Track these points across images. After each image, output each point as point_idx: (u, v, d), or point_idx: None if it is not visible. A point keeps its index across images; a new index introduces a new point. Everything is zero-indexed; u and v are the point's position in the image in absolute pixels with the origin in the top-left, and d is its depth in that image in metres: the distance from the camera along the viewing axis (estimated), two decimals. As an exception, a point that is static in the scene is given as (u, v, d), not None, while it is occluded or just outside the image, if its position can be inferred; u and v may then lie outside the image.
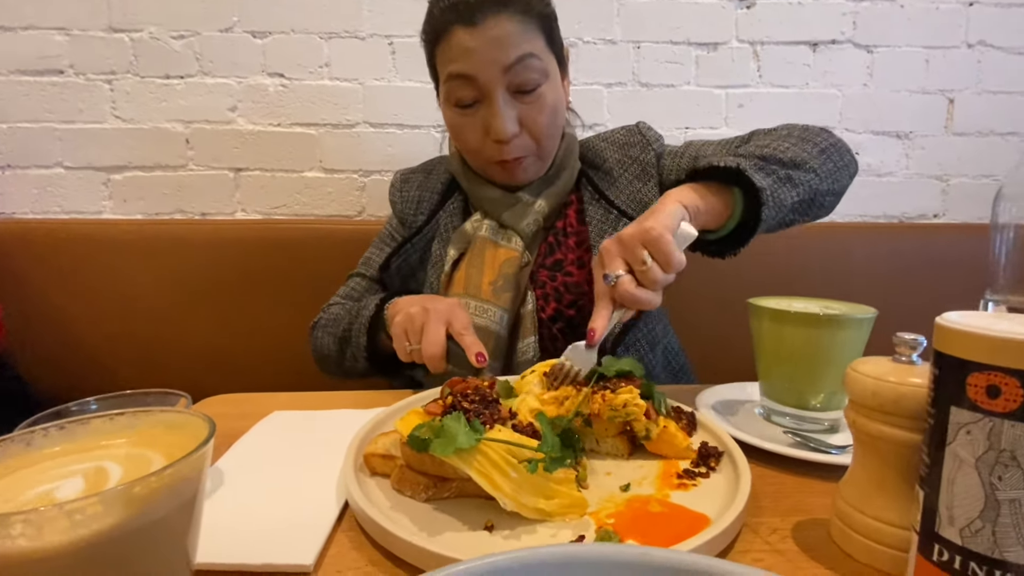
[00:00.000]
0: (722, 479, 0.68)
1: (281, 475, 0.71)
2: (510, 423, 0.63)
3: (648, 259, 0.73)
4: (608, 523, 0.59)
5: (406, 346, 0.95)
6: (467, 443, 0.55)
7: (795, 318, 0.80)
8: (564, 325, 1.16)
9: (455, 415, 0.59)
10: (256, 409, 0.94)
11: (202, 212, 1.88)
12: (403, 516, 0.60)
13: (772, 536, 0.60)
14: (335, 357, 1.19)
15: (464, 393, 0.64)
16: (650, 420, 0.74)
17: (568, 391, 0.78)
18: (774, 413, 0.86)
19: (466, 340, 0.92)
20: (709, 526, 0.58)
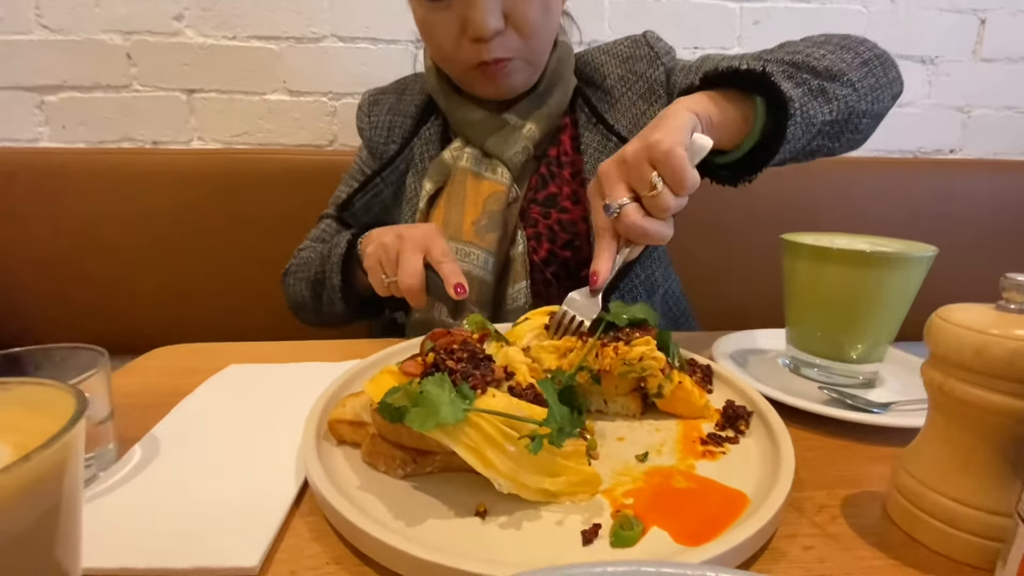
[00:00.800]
0: (754, 445, 0.58)
1: (229, 446, 0.58)
2: (506, 385, 0.51)
3: (657, 181, 0.61)
4: (626, 504, 0.48)
5: (382, 278, 0.84)
6: (452, 417, 0.43)
7: (839, 256, 0.68)
8: (558, 268, 1.03)
9: (438, 377, 0.47)
10: (210, 362, 0.82)
11: (153, 140, 1.67)
12: (374, 499, 0.48)
13: (819, 515, 0.50)
14: (311, 304, 1.07)
15: (449, 349, 0.51)
16: (664, 375, 0.63)
17: (571, 342, 0.67)
18: (804, 365, 0.75)
19: (444, 268, 0.81)
20: (748, 507, 0.48)
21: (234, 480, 0.53)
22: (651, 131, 0.65)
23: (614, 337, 0.65)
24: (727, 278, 1.64)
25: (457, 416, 0.43)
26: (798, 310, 0.75)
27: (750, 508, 0.47)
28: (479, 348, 0.53)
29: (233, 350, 0.89)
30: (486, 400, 0.47)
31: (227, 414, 0.66)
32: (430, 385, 0.46)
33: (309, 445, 0.52)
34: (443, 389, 0.45)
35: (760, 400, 0.64)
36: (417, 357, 0.53)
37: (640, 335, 0.64)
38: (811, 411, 0.64)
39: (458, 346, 0.52)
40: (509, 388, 0.51)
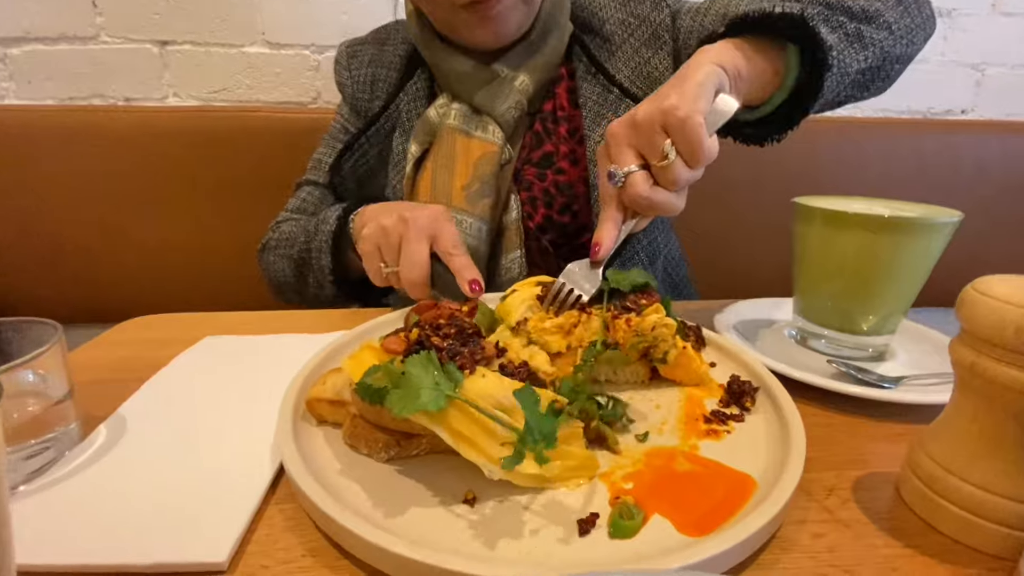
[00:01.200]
0: (760, 423, 0.55)
1: (201, 426, 0.55)
2: (496, 363, 0.47)
3: (670, 150, 0.56)
4: (626, 490, 0.45)
5: (380, 267, 0.74)
6: (434, 403, 0.39)
7: (856, 221, 0.63)
8: (556, 235, 0.97)
9: (422, 356, 0.43)
10: (185, 334, 0.77)
11: (125, 97, 1.58)
12: (355, 486, 0.45)
13: (829, 499, 0.47)
14: (294, 284, 0.98)
15: (435, 324, 0.47)
16: (672, 343, 0.59)
17: (573, 317, 0.62)
18: (812, 336, 0.72)
19: (456, 262, 0.70)
20: (755, 491, 0.45)
21: (205, 464, 0.49)
22: (667, 92, 0.59)
23: (624, 308, 0.60)
24: (727, 242, 1.59)
25: (439, 403, 0.39)
26: (809, 279, 0.71)
27: (758, 493, 0.44)
28: (468, 323, 0.48)
29: (210, 321, 0.84)
30: (475, 381, 0.43)
31: (200, 391, 0.62)
32: (413, 365, 0.42)
33: (285, 428, 0.49)
34: (427, 370, 0.41)
35: (767, 375, 0.60)
36: (401, 332, 0.48)
37: (647, 302, 0.60)
38: (820, 386, 0.60)
39: (445, 321, 0.48)
40: (500, 367, 0.47)
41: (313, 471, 0.44)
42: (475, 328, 0.48)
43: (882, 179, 1.66)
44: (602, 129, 0.93)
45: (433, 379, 0.41)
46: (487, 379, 0.44)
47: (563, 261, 1.07)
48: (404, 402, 0.40)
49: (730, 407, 0.58)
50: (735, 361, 0.65)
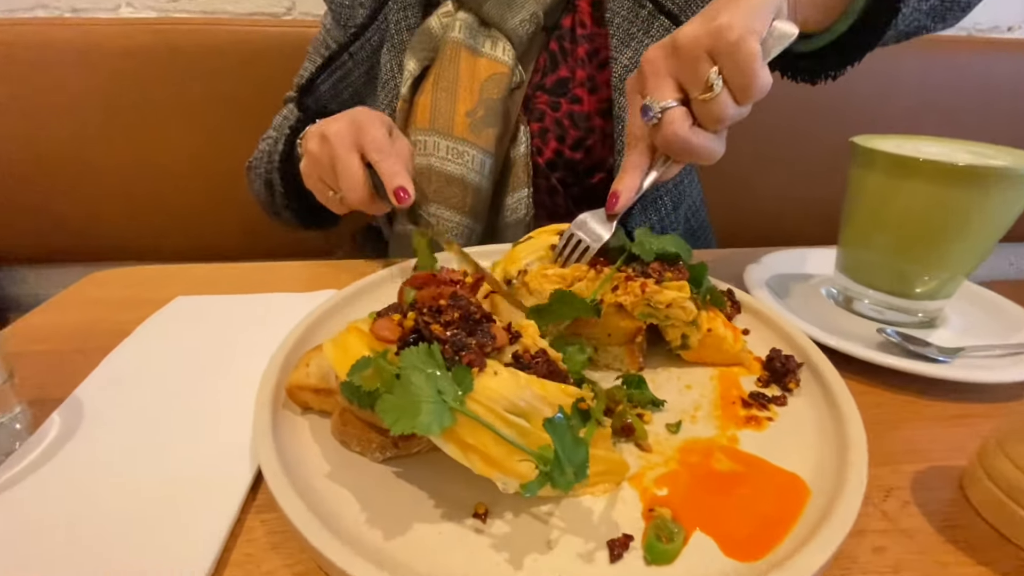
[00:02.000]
0: (806, 408, 0.49)
1: (170, 412, 0.48)
2: (510, 351, 0.40)
3: (716, 80, 0.47)
4: (660, 497, 0.39)
5: (330, 195, 0.70)
6: (437, 423, 0.32)
7: (929, 169, 0.54)
8: (566, 173, 0.87)
9: (421, 351, 0.35)
10: (153, 291, 0.69)
11: (73, 8, 1.39)
12: (346, 494, 0.39)
13: (888, 502, 0.42)
14: (270, 205, 0.92)
15: (435, 307, 0.39)
16: (692, 325, 0.52)
17: (580, 270, 0.54)
18: (857, 298, 0.64)
19: (383, 167, 0.65)
20: (808, 499, 0.39)
21: (175, 464, 0.42)
22: (717, 10, 0.47)
23: (642, 271, 0.52)
24: (744, 181, 1.47)
25: (443, 422, 0.32)
26: (860, 231, 0.62)
27: (812, 502, 0.39)
28: (473, 303, 0.40)
29: (181, 276, 0.75)
30: (485, 380, 0.36)
31: (170, 366, 0.55)
32: (410, 363, 0.35)
33: (262, 425, 0.42)
34: (428, 374, 0.34)
35: (812, 349, 0.53)
36: (394, 314, 0.40)
37: (672, 275, 0.52)
38: (875, 363, 0.53)
39: (447, 302, 0.39)
40: (514, 356, 0.39)
41: (296, 480, 0.38)
42: (482, 311, 0.40)
43: (915, 104, 1.51)
44: (631, 52, 0.80)
45: (435, 387, 0.33)
46: (500, 378, 0.36)
47: (573, 202, 0.94)
48: (400, 417, 0.32)
49: (770, 386, 0.51)
50: (773, 329, 0.58)
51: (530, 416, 0.36)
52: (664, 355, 0.55)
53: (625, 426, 0.44)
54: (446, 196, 0.80)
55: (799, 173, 1.47)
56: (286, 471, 0.38)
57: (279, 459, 0.39)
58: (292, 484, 0.37)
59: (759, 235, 1.37)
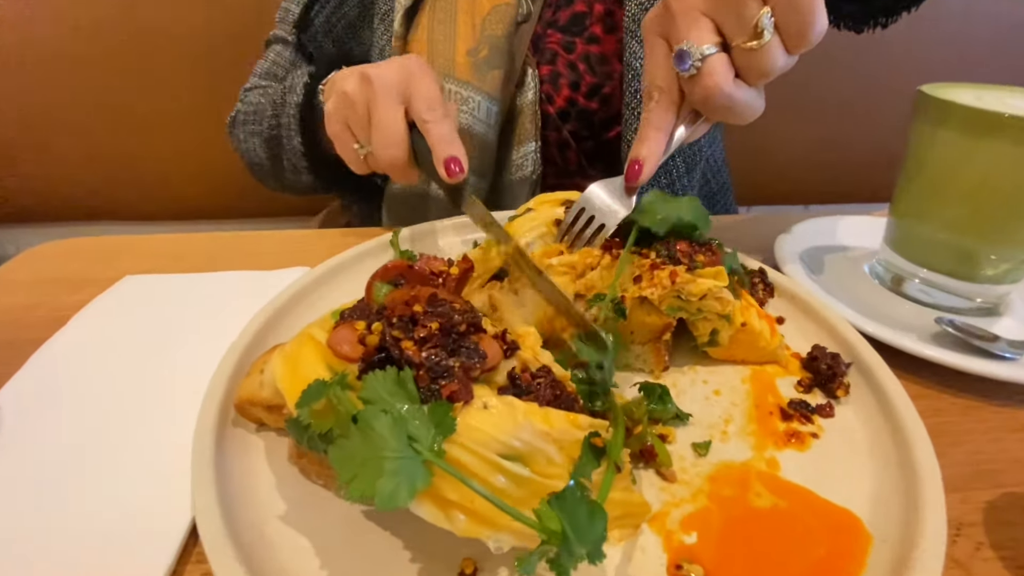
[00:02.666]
0: (857, 420, 0.41)
1: (105, 423, 0.41)
2: (505, 370, 0.31)
3: (767, 24, 0.39)
4: (688, 547, 0.32)
5: (354, 148, 0.58)
6: (408, 487, 0.25)
7: (1019, 127, 0.44)
8: (580, 125, 0.76)
9: (389, 378, 0.27)
10: (100, 267, 0.61)
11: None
12: (303, 542, 0.32)
13: (960, 542, 0.35)
14: (270, 168, 0.79)
15: (409, 316, 0.30)
16: (724, 318, 0.43)
17: (591, 256, 0.45)
18: (908, 278, 0.55)
19: (433, 131, 0.54)
20: (870, 546, 0.32)
21: (99, 500, 0.35)
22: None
23: (668, 255, 0.43)
24: (773, 137, 1.34)
25: (414, 484, 0.25)
26: (921, 200, 0.52)
27: (876, 551, 0.32)
28: (458, 308, 0.31)
29: (134, 247, 0.66)
30: (471, 416, 0.28)
31: (108, 366, 0.47)
32: (375, 394, 0.27)
33: (201, 456, 0.34)
34: (394, 413, 0.26)
35: (862, 346, 0.45)
36: (358, 321, 0.31)
37: (705, 258, 0.43)
38: (939, 361, 0.45)
39: (423, 308, 0.31)
40: (510, 377, 0.31)
41: (241, 526, 0.31)
42: (468, 316, 0.31)
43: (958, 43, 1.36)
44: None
45: (404, 434, 0.25)
46: (490, 413, 0.28)
47: (586, 159, 0.81)
48: (358, 475, 0.25)
49: (813, 391, 0.44)
50: (812, 318, 0.50)
51: (530, 459, 0.29)
52: (687, 351, 0.47)
53: (645, 449, 0.36)
54: None
55: (830, 125, 1.33)
56: (227, 517, 0.31)
57: (219, 503, 0.31)
58: (232, 537, 0.30)
59: (780, 194, 1.26)
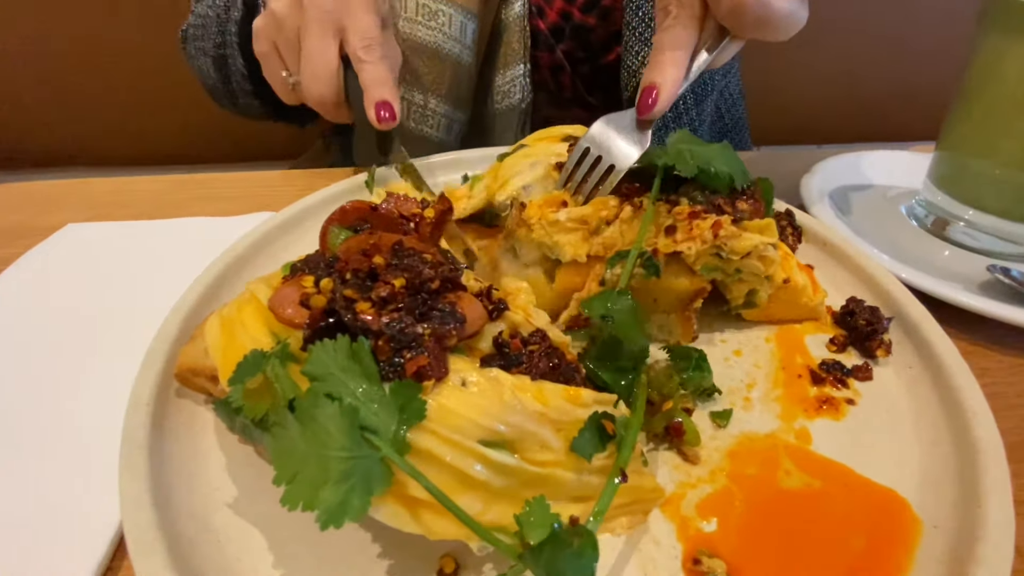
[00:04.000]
0: (899, 383, 0.36)
1: (32, 406, 0.36)
2: (491, 333, 0.25)
3: None
4: (706, 536, 0.27)
5: (282, 75, 0.53)
6: (361, 497, 0.19)
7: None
8: (575, 44, 0.67)
9: (340, 348, 0.21)
10: (38, 216, 0.55)
11: None
12: (256, 535, 0.27)
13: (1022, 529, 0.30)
14: (223, 90, 0.71)
15: (367, 270, 0.24)
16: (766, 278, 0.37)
17: (606, 206, 0.38)
18: (953, 220, 0.49)
19: (369, 72, 0.49)
20: (921, 535, 0.27)
21: (29, 479, 0.31)
22: None
23: (711, 203, 0.36)
24: (786, 75, 1.22)
25: (369, 490, 0.19)
26: (982, 127, 0.45)
27: (926, 538, 0.27)
28: (430, 259, 0.25)
29: (79, 191, 0.60)
30: (445, 396, 0.22)
31: (43, 325, 0.41)
32: (321, 370, 0.21)
33: (133, 436, 0.29)
34: (345, 399, 0.20)
35: (906, 298, 0.39)
36: (304, 278, 0.25)
37: (748, 208, 0.36)
38: (1005, 320, 0.39)
39: (384, 260, 0.24)
40: (498, 345, 0.25)
41: (180, 519, 0.26)
42: (443, 269, 0.25)
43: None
44: None
45: (355, 426, 0.19)
46: (469, 392, 0.23)
47: (583, 85, 0.73)
48: (297, 477, 0.19)
49: (847, 351, 0.38)
50: (846, 266, 0.44)
51: (519, 445, 0.23)
52: (703, 308, 0.41)
53: (671, 426, 0.31)
54: (418, 73, 0.61)
55: (853, 56, 1.22)
56: (162, 507, 0.26)
57: (152, 490, 0.27)
58: (166, 530, 0.25)
59: (794, 133, 1.16)
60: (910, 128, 1.14)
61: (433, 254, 0.25)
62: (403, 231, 0.29)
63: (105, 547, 0.27)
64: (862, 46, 1.21)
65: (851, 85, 1.23)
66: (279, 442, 0.20)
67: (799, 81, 1.24)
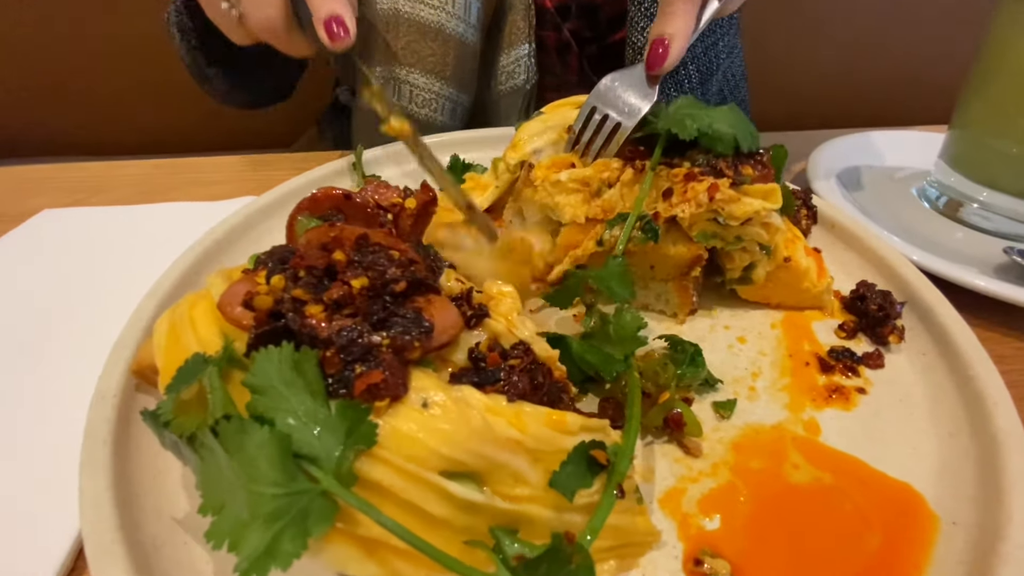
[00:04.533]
0: (912, 371, 0.34)
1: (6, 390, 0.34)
2: (466, 345, 0.23)
3: None
4: (709, 534, 0.26)
5: (222, 8, 0.47)
6: (295, 543, 0.17)
7: None
8: (582, 23, 0.65)
9: (284, 358, 0.19)
10: (14, 203, 0.53)
11: None
12: (209, 571, 0.25)
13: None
14: (190, 65, 0.65)
15: (325, 268, 0.22)
16: (764, 250, 0.35)
17: (609, 168, 0.36)
18: (967, 202, 0.47)
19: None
20: (939, 533, 0.25)
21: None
22: None
23: (709, 166, 0.34)
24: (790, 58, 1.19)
25: (302, 543, 0.17)
26: (999, 105, 0.43)
27: (944, 536, 0.25)
28: (396, 260, 0.22)
29: (56, 178, 0.58)
30: (402, 422, 0.20)
31: (14, 315, 0.39)
32: (263, 385, 0.19)
33: (96, 431, 0.27)
34: (285, 418, 0.18)
35: (919, 282, 0.37)
36: (259, 273, 0.23)
37: (755, 171, 0.34)
38: (1007, 299, 0.37)
39: (346, 256, 0.22)
40: (473, 358, 0.23)
41: (143, 523, 0.24)
42: (409, 271, 0.22)
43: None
44: None
45: (288, 461, 0.17)
46: (430, 415, 0.20)
47: (590, 64, 0.69)
48: (223, 512, 0.17)
49: (857, 337, 0.36)
50: (856, 249, 0.41)
51: (488, 477, 0.21)
52: (707, 287, 0.39)
53: (671, 418, 0.29)
54: (420, 54, 0.58)
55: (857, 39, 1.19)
56: (124, 505, 0.24)
57: (114, 486, 0.25)
58: (127, 534, 0.23)
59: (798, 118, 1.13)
60: (915, 113, 1.11)
61: (403, 251, 0.23)
62: (379, 223, 0.26)
63: (64, 553, 0.26)
64: (865, 30, 1.18)
65: (854, 70, 1.20)
66: (206, 467, 0.18)
67: (801, 65, 1.20)
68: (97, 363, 0.32)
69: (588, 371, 0.29)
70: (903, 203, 0.50)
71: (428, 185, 0.30)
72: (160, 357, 0.23)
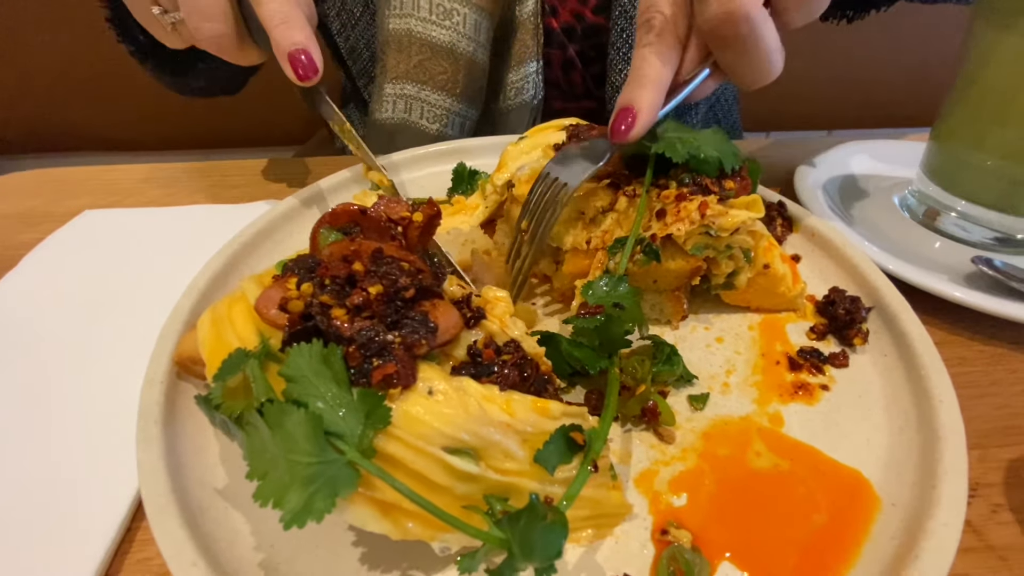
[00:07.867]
0: (874, 371, 0.37)
1: (47, 391, 0.38)
2: (466, 342, 0.27)
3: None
4: (676, 510, 0.29)
5: (153, 13, 0.43)
6: (325, 500, 0.21)
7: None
8: (588, 44, 0.67)
9: (314, 353, 0.23)
10: (57, 202, 0.57)
11: None
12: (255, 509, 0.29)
13: (975, 503, 0.32)
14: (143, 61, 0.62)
15: (347, 276, 0.26)
16: (746, 258, 0.38)
17: (602, 199, 0.40)
18: (944, 211, 0.49)
19: (266, 7, 0.39)
20: (877, 510, 0.29)
21: (51, 453, 0.33)
22: None
23: (698, 185, 0.37)
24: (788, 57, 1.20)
25: (334, 492, 0.21)
26: (975, 119, 0.45)
27: (883, 516, 0.29)
28: (406, 271, 0.26)
29: (96, 179, 0.62)
30: (411, 404, 0.24)
31: (63, 309, 0.44)
32: (297, 372, 0.23)
33: (149, 412, 0.31)
34: (314, 403, 0.22)
35: (886, 289, 0.40)
36: (289, 280, 0.27)
37: (735, 184, 0.37)
38: (985, 311, 0.40)
39: (364, 267, 0.26)
40: (471, 354, 0.27)
41: (189, 489, 0.28)
42: (420, 278, 0.26)
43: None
44: None
45: (320, 437, 0.21)
46: (435, 401, 0.24)
47: (594, 82, 0.70)
48: (267, 477, 0.21)
49: (826, 339, 0.40)
50: (832, 256, 0.45)
51: (483, 453, 0.25)
52: (691, 294, 0.42)
53: (647, 408, 0.33)
54: (432, 72, 0.61)
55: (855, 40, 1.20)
56: (174, 476, 0.29)
57: (165, 461, 0.29)
58: (179, 497, 0.28)
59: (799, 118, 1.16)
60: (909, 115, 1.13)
61: (412, 262, 0.27)
62: (391, 235, 0.30)
63: (126, 509, 0.30)
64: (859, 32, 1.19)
65: (849, 71, 1.22)
66: (252, 441, 0.22)
67: (796, 67, 1.22)
68: (138, 353, 0.37)
69: (576, 366, 0.33)
70: (885, 212, 0.53)
71: (432, 201, 0.33)
72: (204, 350, 0.27)
